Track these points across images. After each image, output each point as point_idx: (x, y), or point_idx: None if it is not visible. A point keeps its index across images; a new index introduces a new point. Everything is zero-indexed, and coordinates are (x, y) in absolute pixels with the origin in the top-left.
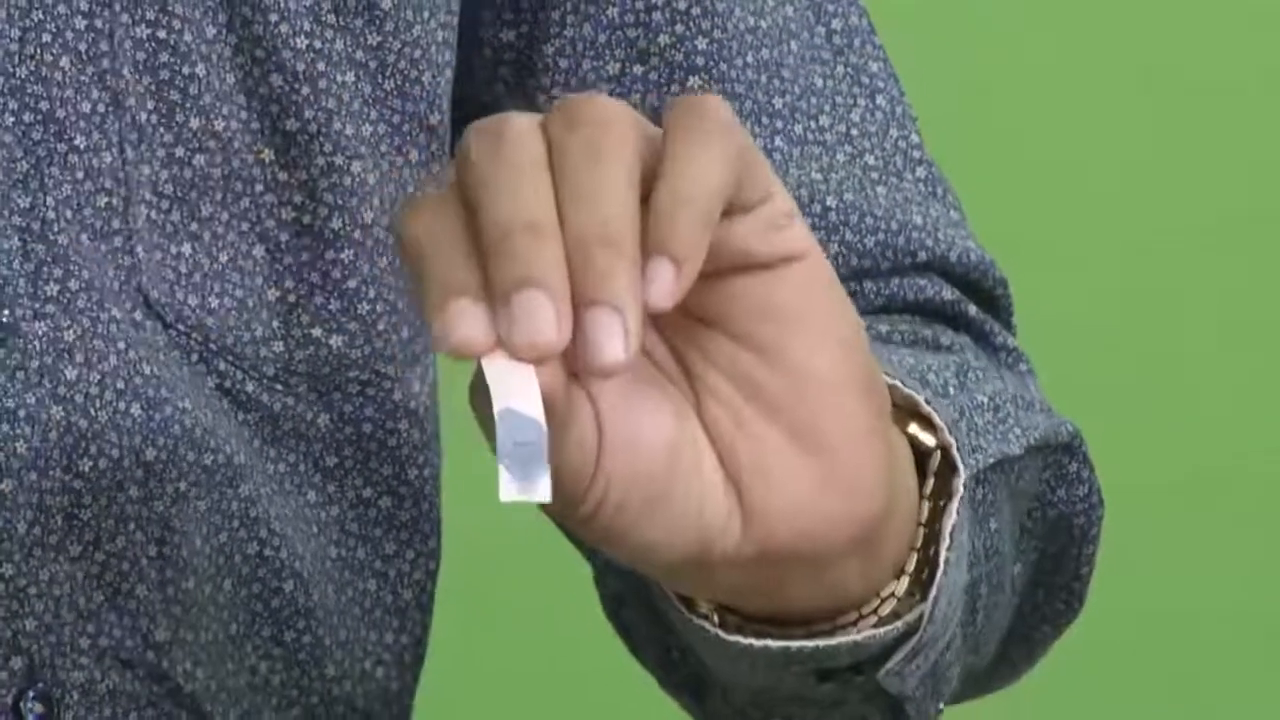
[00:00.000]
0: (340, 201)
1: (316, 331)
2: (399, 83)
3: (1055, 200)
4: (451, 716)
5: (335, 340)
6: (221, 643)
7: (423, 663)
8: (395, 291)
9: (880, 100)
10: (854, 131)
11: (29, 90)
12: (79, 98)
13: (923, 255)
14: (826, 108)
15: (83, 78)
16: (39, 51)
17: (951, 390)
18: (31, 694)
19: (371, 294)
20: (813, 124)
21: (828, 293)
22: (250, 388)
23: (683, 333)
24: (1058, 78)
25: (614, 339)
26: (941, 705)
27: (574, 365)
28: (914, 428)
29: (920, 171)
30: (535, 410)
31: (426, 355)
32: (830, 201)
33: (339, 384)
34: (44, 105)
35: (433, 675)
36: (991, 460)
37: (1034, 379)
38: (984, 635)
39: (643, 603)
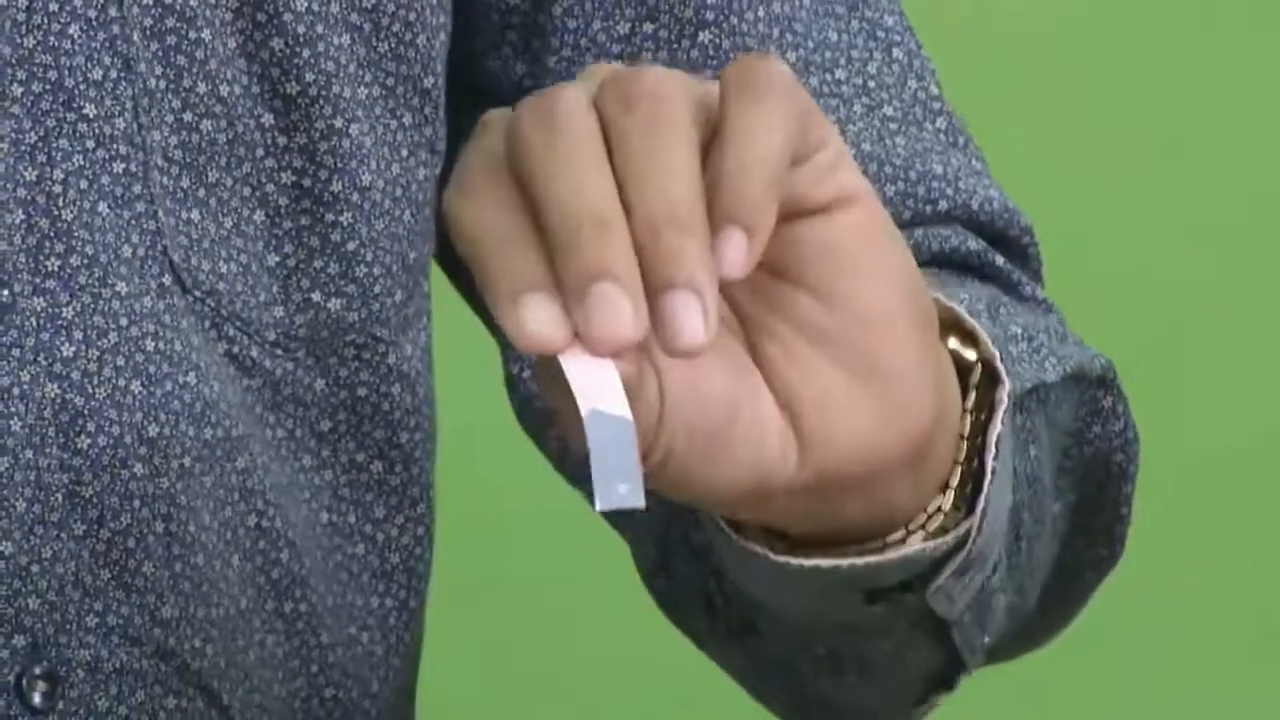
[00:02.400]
0: (339, 164)
1: (316, 295)
2: (393, 45)
3: (1055, 200)
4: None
5: (333, 304)
6: (233, 618)
7: (413, 632)
8: (391, 254)
9: (897, 53)
10: (871, 84)
11: (37, 59)
12: (90, 65)
13: (944, 204)
14: (842, 61)
15: (93, 44)
16: (46, 20)
17: (984, 321)
18: (36, 671)
19: (369, 257)
20: (828, 77)
21: (882, 231)
22: (255, 353)
23: (739, 280)
24: (1058, 78)
25: (694, 320)
26: (987, 639)
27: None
28: (954, 342)
29: (940, 122)
30: (621, 407)
31: (419, 319)
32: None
33: (336, 348)
34: (52, 74)
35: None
36: (1028, 386)
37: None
38: (1027, 572)
39: (688, 552)
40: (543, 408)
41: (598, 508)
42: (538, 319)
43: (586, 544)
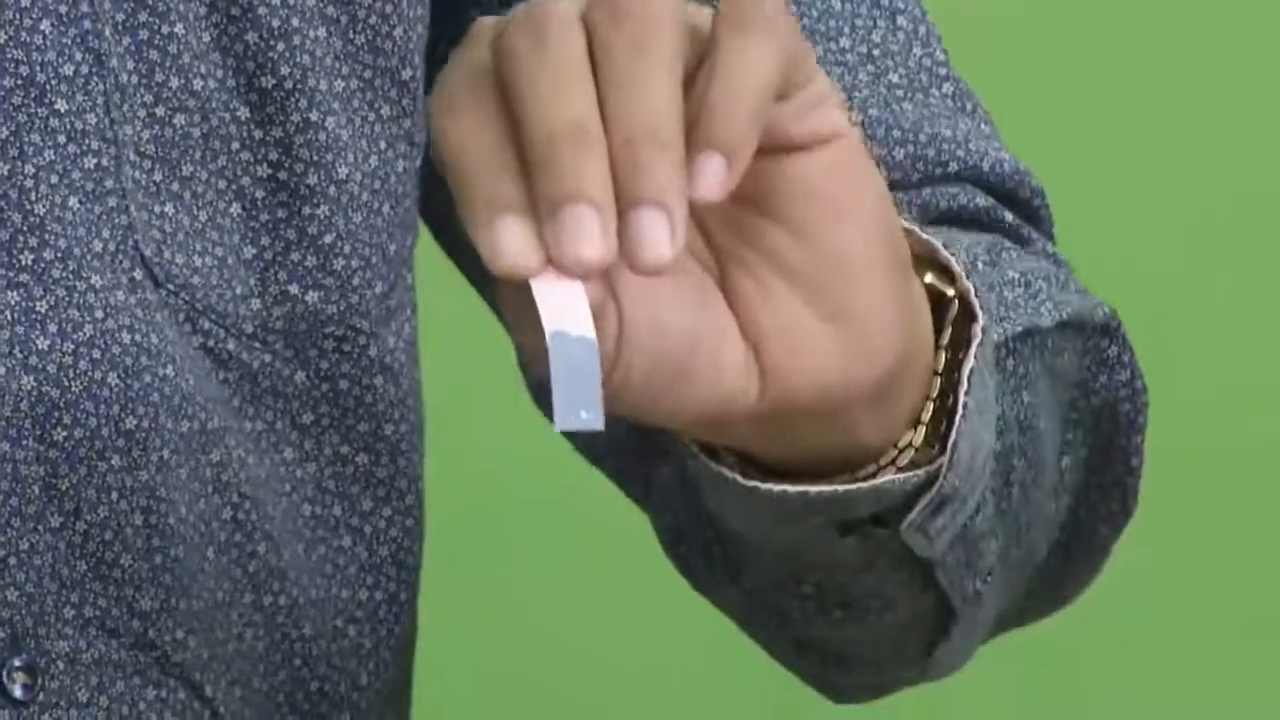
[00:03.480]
0: (315, 157)
1: (293, 288)
2: (370, 38)
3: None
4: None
5: (311, 296)
6: (210, 610)
7: (404, 624)
8: (370, 247)
9: (901, 20)
10: (875, 51)
11: (8, 55)
12: (61, 60)
13: (954, 166)
14: (846, 29)
15: (64, 40)
16: (18, 16)
17: (981, 265)
18: (16, 664)
19: (347, 249)
20: (832, 45)
21: (862, 172)
22: (231, 346)
23: (714, 210)
24: (1057, 77)
25: (660, 237)
26: (980, 585)
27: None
28: (931, 277)
29: (947, 88)
30: (586, 329)
31: (402, 311)
32: (854, 118)
33: (315, 340)
34: (24, 70)
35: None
36: (1019, 329)
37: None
38: (1025, 519)
39: (685, 497)
40: None
41: (557, 428)
42: (511, 242)
43: (584, 535)
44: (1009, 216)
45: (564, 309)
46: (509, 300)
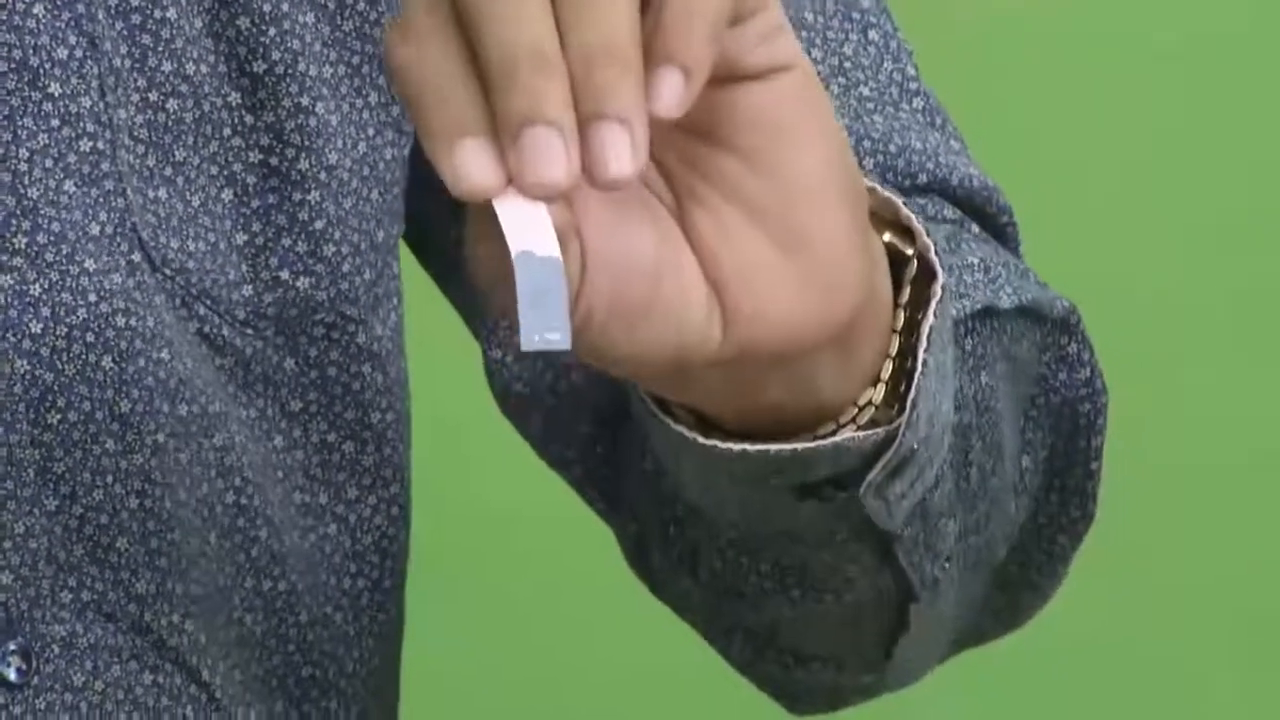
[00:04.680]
0: (306, 143)
1: (284, 274)
2: (358, 24)
3: (1054, 200)
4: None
5: (302, 282)
6: (212, 595)
7: (388, 612)
8: (359, 233)
9: (873, 34)
10: (847, 64)
11: (1, 39)
12: (54, 44)
13: (923, 178)
14: (818, 41)
15: (58, 24)
16: (11, 0)
17: (941, 253)
18: (11, 647)
19: (337, 235)
20: (795, 38)
21: (815, 101)
22: (225, 332)
23: (671, 144)
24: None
25: (621, 152)
26: (938, 571)
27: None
28: (889, 236)
29: (917, 102)
30: (552, 249)
31: (389, 299)
32: None
33: (305, 327)
34: (17, 54)
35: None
36: (978, 307)
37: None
38: (983, 507)
39: (643, 482)
40: (523, 393)
41: (522, 348)
42: (473, 164)
43: (575, 530)
44: (976, 229)
45: (528, 230)
46: (474, 225)
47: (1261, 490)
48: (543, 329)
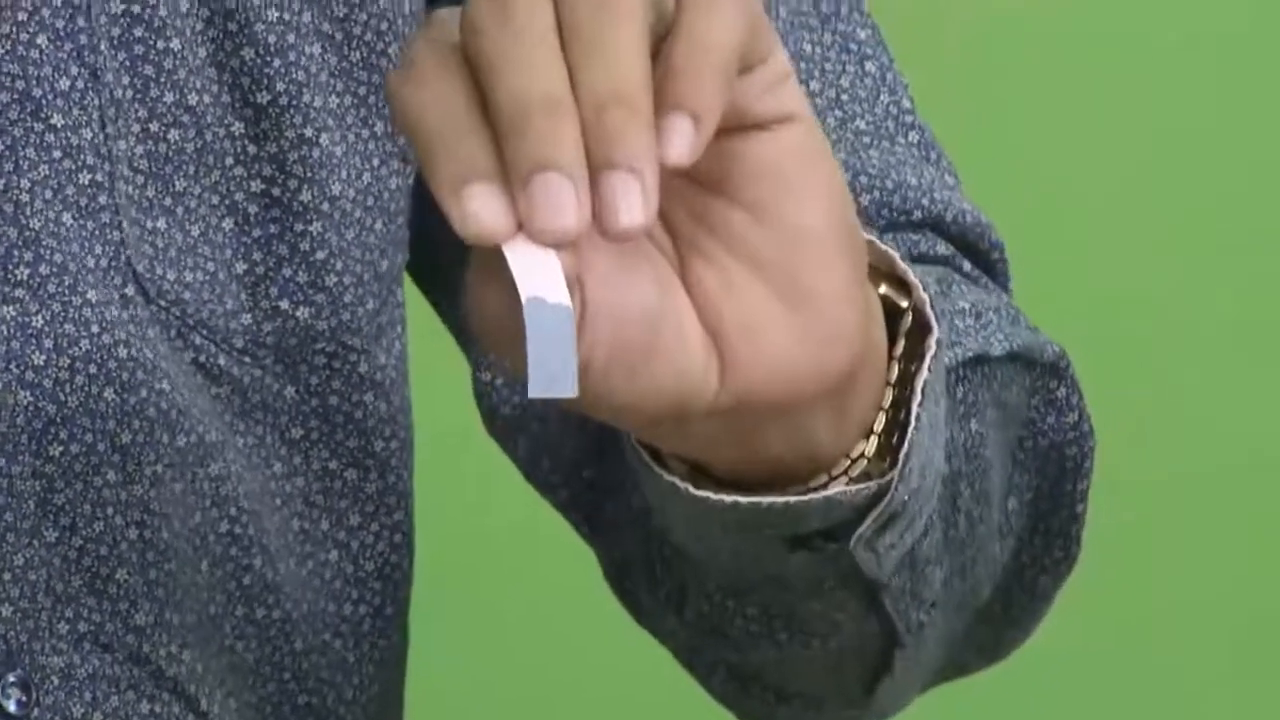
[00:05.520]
0: (309, 174)
1: (284, 304)
2: (365, 55)
3: (1053, 201)
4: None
5: (302, 312)
6: (204, 624)
7: (390, 639)
8: (362, 264)
9: (870, 66)
10: (844, 97)
11: (4, 69)
12: (57, 76)
13: (917, 214)
14: (816, 73)
15: (60, 55)
16: (15, 30)
17: (934, 296)
18: (10, 679)
19: (339, 266)
20: (801, 89)
21: (818, 153)
22: (222, 361)
23: (675, 194)
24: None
25: (633, 202)
26: (923, 616)
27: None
28: (886, 288)
29: (913, 136)
30: (562, 297)
31: (393, 328)
32: None
33: (306, 356)
34: (20, 84)
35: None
36: (970, 355)
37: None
38: (970, 552)
39: (632, 519)
40: (510, 416)
41: (530, 394)
42: (483, 209)
43: (581, 554)
44: (967, 266)
45: (538, 276)
46: (477, 268)
47: (1261, 493)
48: (551, 378)
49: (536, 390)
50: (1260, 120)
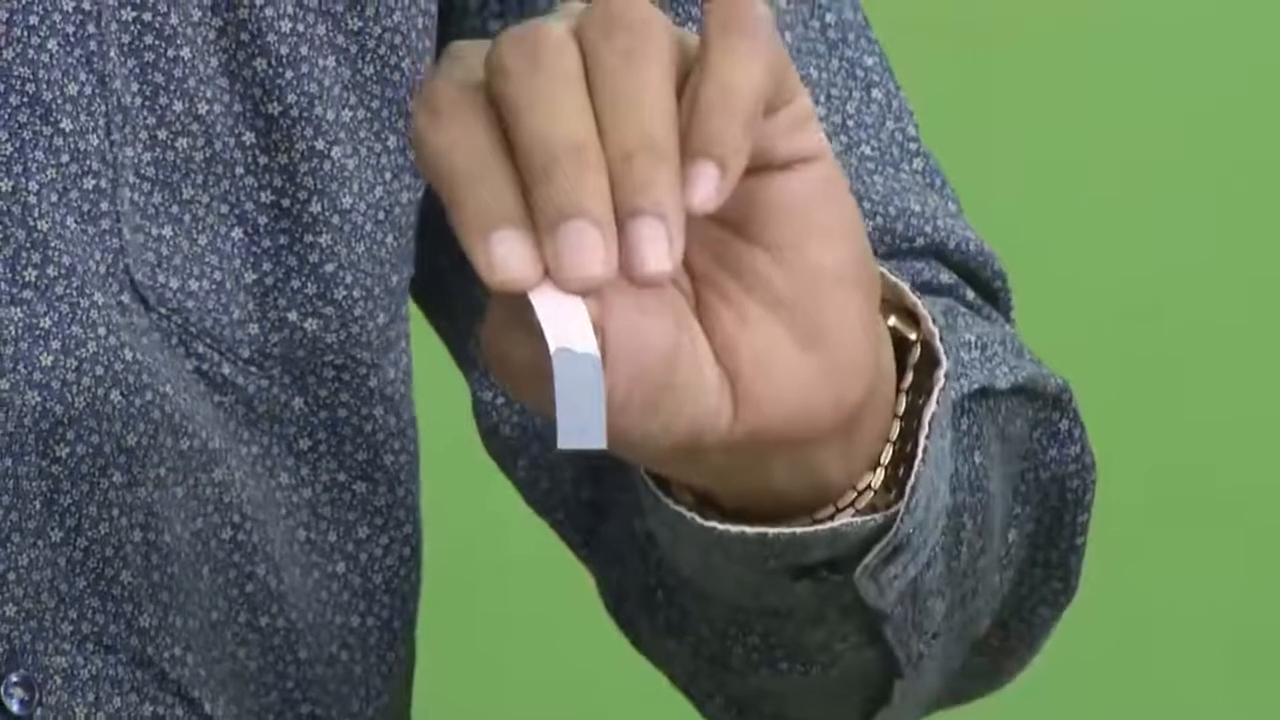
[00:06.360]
0: (320, 186)
1: (292, 315)
2: (379, 68)
3: (1052, 203)
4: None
5: (310, 324)
6: (206, 629)
7: (397, 651)
8: (372, 277)
9: (876, 93)
10: (850, 123)
11: (15, 73)
12: (66, 80)
13: (920, 241)
14: (822, 98)
15: (70, 60)
16: (26, 34)
17: (940, 328)
18: (14, 679)
19: (348, 279)
20: (822, 127)
21: (839, 193)
22: (227, 370)
23: (694, 233)
24: (1056, 79)
25: (660, 248)
26: (924, 647)
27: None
28: (895, 320)
29: (918, 163)
30: (590, 346)
31: (401, 341)
32: None
33: (314, 368)
34: (30, 88)
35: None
36: (975, 387)
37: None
38: (970, 584)
39: (633, 544)
40: (510, 435)
41: (560, 445)
42: (509, 255)
43: (582, 567)
44: (970, 294)
45: (566, 325)
46: (497, 313)
47: (1261, 495)
48: (581, 429)
49: (566, 442)
50: (1261, 120)
